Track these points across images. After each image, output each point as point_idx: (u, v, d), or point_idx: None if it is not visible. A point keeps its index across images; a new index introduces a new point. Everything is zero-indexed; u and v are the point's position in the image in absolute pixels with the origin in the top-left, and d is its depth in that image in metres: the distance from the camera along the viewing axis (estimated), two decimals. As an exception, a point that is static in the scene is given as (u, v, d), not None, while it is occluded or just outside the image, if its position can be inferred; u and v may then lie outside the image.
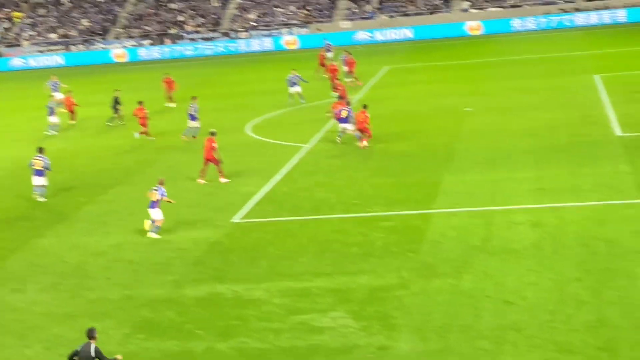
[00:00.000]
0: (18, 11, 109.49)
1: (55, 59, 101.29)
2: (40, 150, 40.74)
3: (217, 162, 40.07)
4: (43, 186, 40.16)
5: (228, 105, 58.27)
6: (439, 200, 34.72)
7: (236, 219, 34.68)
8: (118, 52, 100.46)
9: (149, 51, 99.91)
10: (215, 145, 39.90)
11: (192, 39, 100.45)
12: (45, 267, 31.04)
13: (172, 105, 61.10)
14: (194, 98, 50.40)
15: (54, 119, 55.73)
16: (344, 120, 44.99)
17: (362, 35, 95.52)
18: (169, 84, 62.52)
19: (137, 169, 44.50)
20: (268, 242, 31.68)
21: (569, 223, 30.73)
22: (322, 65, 69.01)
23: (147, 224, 33.59)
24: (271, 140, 48.10)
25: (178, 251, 31.43)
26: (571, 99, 52.22)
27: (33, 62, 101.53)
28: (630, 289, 24.82)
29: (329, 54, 76.48)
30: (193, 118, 49.31)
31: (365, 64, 71.26)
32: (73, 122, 57.96)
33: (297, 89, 57.64)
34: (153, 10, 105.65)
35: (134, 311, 26.48)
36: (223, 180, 39.92)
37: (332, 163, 41.97)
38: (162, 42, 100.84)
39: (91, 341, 21.05)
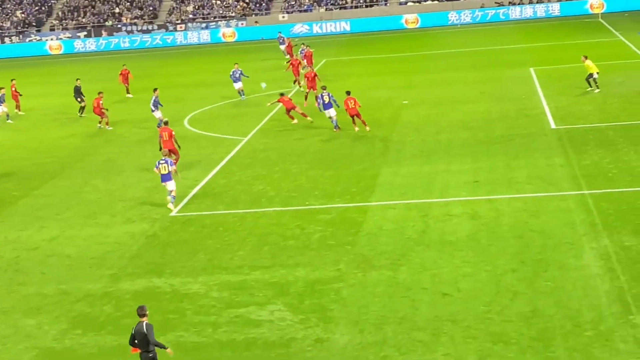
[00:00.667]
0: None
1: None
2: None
3: (177, 152, 39.92)
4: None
5: (166, 97, 57.84)
6: (376, 193, 34.87)
7: (174, 212, 34.56)
8: (53, 44, 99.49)
9: (85, 43, 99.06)
10: (173, 134, 39.91)
11: (129, 31, 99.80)
12: (-21, 262, 30.71)
13: (130, 96, 60.88)
14: (155, 90, 49.86)
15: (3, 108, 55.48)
16: (328, 105, 45.41)
17: (299, 28, 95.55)
18: (125, 75, 62.12)
19: (73, 162, 44.12)
20: (206, 235, 31.63)
21: (504, 215, 31.06)
22: (291, 55, 68.53)
23: (168, 199, 34.85)
24: (209, 133, 47.98)
25: (114, 245, 31.26)
26: (506, 92, 52.74)
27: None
28: (563, 280, 25.16)
29: (282, 47, 76.47)
30: (156, 108, 49.04)
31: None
32: (20, 112, 57.63)
33: (239, 84, 57.14)
34: (89, 2, 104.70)
35: (70, 306, 26.29)
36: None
37: (270, 156, 41.97)
38: (98, 34, 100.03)
39: (143, 319, 20.72)
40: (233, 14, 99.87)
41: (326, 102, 45.36)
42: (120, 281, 27.90)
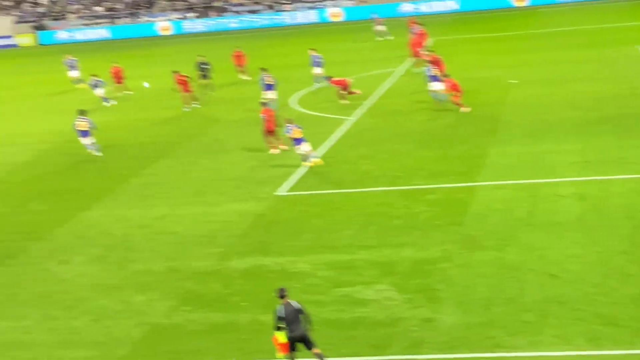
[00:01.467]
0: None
1: (101, 32, 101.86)
2: (82, 112, 43.27)
3: (275, 133, 40.38)
4: (93, 143, 42.73)
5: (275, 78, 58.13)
6: (483, 173, 34.58)
7: (281, 191, 34.77)
8: (163, 24, 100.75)
9: (194, 24, 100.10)
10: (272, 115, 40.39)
11: (237, 12, 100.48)
12: (91, 239, 31.33)
13: (246, 78, 60.62)
14: (264, 69, 50.08)
15: (100, 92, 56.27)
16: (435, 78, 46.07)
17: (407, 7, 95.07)
18: (239, 57, 62.12)
19: (181, 142, 44.69)
20: (312, 214, 31.75)
21: (614, 196, 30.51)
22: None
23: (315, 161, 37.40)
24: (315, 113, 48.09)
25: (223, 224, 31.58)
26: (617, 70, 51.71)
27: (79, 36, 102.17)
28: (677, 262, 24.64)
29: (380, 27, 76.21)
30: (269, 88, 49.03)
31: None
32: (129, 92, 58.45)
33: (319, 70, 56.30)
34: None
35: (179, 283, 26.67)
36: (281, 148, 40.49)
37: (376, 136, 41.90)
38: (206, 15, 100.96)
39: (286, 300, 20.76)
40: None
41: (434, 74, 46.46)
42: (228, 259, 28.19)
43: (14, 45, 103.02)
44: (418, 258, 26.79)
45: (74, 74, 65.30)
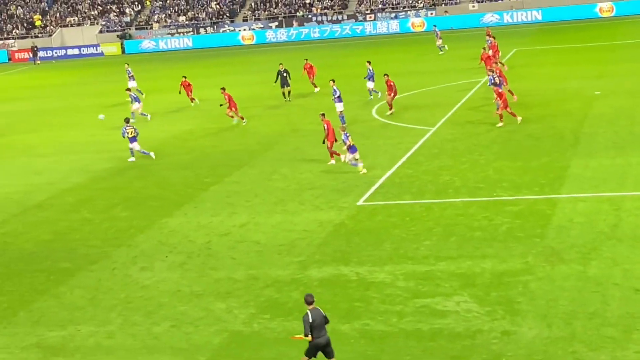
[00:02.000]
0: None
1: (184, 41, 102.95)
2: (127, 120, 45.88)
3: (332, 144, 40.46)
4: (141, 150, 45.07)
5: (354, 87, 58.17)
6: (566, 185, 34.18)
7: (360, 201, 34.75)
8: (245, 34, 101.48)
9: (276, 33, 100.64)
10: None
11: (319, 22, 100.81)
12: (172, 246, 31.60)
13: (316, 89, 60.61)
14: (332, 81, 49.87)
15: (136, 106, 56.56)
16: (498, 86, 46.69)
17: (490, 18, 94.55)
18: (310, 69, 61.97)
19: (262, 150, 44.92)
20: (392, 224, 31.66)
21: (701, 210, 29.95)
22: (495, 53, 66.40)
23: (361, 169, 38.42)
24: (396, 123, 48.01)
25: (303, 233, 31.64)
26: None
27: (163, 45, 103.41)
28: None
29: (439, 42, 76.07)
30: (339, 100, 48.85)
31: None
32: (195, 102, 58.86)
33: (371, 84, 55.85)
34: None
35: (258, 291, 26.76)
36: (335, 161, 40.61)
37: (457, 146, 41.69)
38: (289, 25, 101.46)
39: (312, 306, 20.83)
40: (422, 4, 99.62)
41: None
42: (308, 268, 28.22)
43: (100, 54, 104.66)
44: (499, 270, 26.55)
45: (132, 84, 66.01)
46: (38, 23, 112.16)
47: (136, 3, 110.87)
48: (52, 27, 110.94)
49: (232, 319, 24.91)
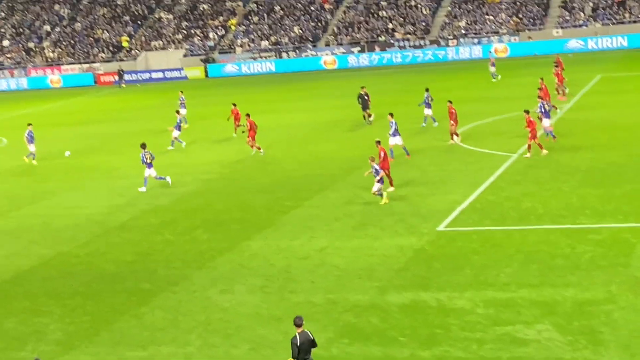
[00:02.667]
0: (233, 19, 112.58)
1: (267, 65, 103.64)
2: (144, 145, 45.74)
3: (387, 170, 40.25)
4: (156, 175, 45.17)
5: (435, 112, 58.06)
6: (651, 214, 33.64)
7: (441, 227, 34.56)
8: (328, 59, 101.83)
9: (358, 58, 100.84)
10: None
11: (402, 47, 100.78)
12: (252, 269, 31.72)
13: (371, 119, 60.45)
14: (391, 115, 48.24)
15: (176, 133, 57.01)
16: (547, 114, 47.14)
17: (574, 44, 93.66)
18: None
19: (343, 175, 44.93)
20: (473, 251, 31.43)
21: None
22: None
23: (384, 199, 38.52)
24: (478, 149, 47.72)
25: (382, 257, 31.55)
26: None
27: (245, 69, 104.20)
28: None
29: (493, 69, 76.11)
30: (395, 133, 47.37)
31: (577, 72, 69.85)
32: (243, 127, 58.53)
33: (429, 111, 55.81)
34: (363, 18, 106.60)
35: (337, 316, 26.72)
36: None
37: (540, 173, 41.28)
38: (371, 50, 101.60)
39: (301, 329, 21.38)
40: (505, 30, 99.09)
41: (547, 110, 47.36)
42: (387, 293, 28.11)
43: (184, 78, 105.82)
44: (581, 299, 26.17)
45: (183, 111, 66.53)
46: (125, 44, 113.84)
47: (220, 27, 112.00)
48: (137, 50, 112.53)
49: (311, 343, 24.88)
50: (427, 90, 56.20)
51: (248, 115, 52.46)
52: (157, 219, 39.77)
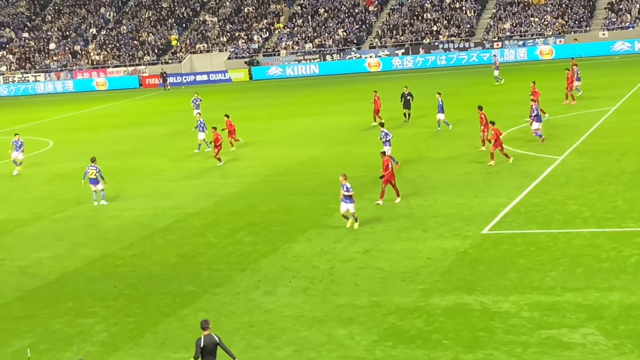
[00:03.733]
0: (278, 22, 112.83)
1: (311, 67, 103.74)
2: (93, 160, 44.55)
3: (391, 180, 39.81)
4: (101, 190, 44.27)
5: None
6: (699, 217, 33.26)
7: (485, 230, 34.39)
8: (372, 61, 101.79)
9: (403, 61, 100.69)
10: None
11: (446, 49, 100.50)
12: (296, 271, 31.72)
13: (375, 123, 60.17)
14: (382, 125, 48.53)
15: (201, 136, 56.63)
16: (538, 118, 48.94)
17: (620, 46, 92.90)
18: (376, 102, 60.75)
19: (388, 177, 44.79)
20: (517, 254, 31.23)
21: None
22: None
23: (350, 223, 36.29)
24: (523, 152, 47.44)
25: (426, 260, 31.44)
26: None
27: (290, 71, 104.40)
28: None
29: (497, 72, 76.69)
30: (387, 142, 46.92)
31: (623, 75, 69.22)
32: (239, 142, 57.50)
33: (441, 116, 55.90)
34: (408, 20, 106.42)
35: (381, 318, 26.65)
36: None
37: (585, 176, 40.96)
38: (415, 52, 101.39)
39: (207, 332, 22.12)
40: (551, 32, 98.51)
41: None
42: (431, 296, 28.01)
43: (228, 80, 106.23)
44: (627, 303, 25.90)
45: (196, 112, 67.21)
46: (174, 43, 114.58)
47: (264, 30, 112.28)
48: (182, 53, 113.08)
49: (355, 345, 24.85)
50: (439, 94, 56.29)
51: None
52: (200, 222, 39.90)
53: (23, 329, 28.49)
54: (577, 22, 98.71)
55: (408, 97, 59.81)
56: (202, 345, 21.81)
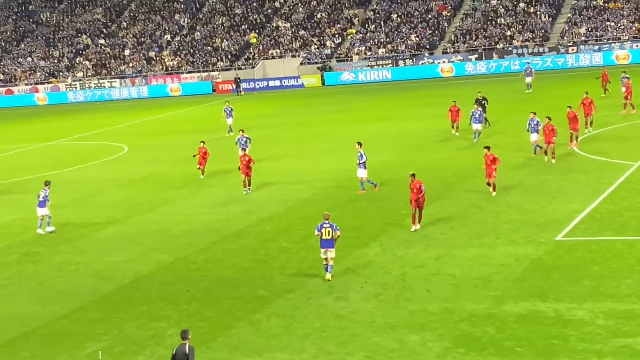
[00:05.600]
0: (351, 28, 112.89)
1: (384, 73, 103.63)
2: (47, 183, 43.67)
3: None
4: (48, 216, 42.91)
5: (555, 120, 57.06)
6: None
7: (559, 236, 34.03)
8: (445, 66, 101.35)
9: (476, 66, 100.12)
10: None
11: (520, 54, 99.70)
12: (367, 277, 31.67)
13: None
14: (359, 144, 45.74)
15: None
16: (535, 129, 49.09)
17: None
18: (455, 112, 60.29)
19: (459, 183, 44.61)
20: (592, 261, 30.85)
21: None
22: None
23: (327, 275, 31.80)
24: (598, 157, 46.88)
25: (499, 267, 31.20)
26: None
27: (362, 77, 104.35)
28: None
29: (528, 79, 75.89)
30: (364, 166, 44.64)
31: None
32: (202, 176, 53.06)
33: (478, 126, 55.24)
34: (481, 25, 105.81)
35: (453, 325, 26.50)
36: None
37: (662, 182, 40.38)
38: (489, 57, 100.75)
39: (185, 342, 22.34)
40: (627, 36, 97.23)
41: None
42: (503, 303, 27.78)
43: (300, 86, 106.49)
44: None
45: (229, 121, 67.17)
46: (254, 41, 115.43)
47: (337, 36, 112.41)
48: (255, 59, 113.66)
49: (427, 352, 24.73)
50: (478, 101, 56.66)
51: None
52: (272, 226, 40.03)
53: (99, 331, 28.82)
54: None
55: (483, 102, 58.95)
56: (173, 354, 22.37)
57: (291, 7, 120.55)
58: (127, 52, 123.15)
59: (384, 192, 44.11)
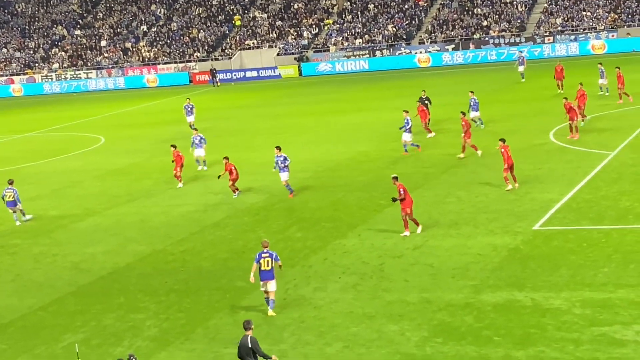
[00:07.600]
0: (327, 18, 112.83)
1: (361, 63, 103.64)
2: (10, 182, 43.51)
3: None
4: (20, 210, 43.18)
5: (531, 110, 57.52)
6: None
7: (537, 226, 34.17)
8: (422, 57, 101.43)
9: (453, 56, 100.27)
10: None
11: (497, 44, 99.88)
12: (345, 267, 31.73)
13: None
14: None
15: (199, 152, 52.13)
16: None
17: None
18: (422, 112, 59.77)
19: (437, 173, 44.69)
20: (569, 250, 31.01)
21: None
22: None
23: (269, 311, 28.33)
24: (575, 147, 47.07)
25: (477, 257, 31.31)
26: None
27: (339, 67, 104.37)
28: None
29: (521, 68, 76.16)
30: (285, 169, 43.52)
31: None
32: (181, 184, 49.29)
33: (476, 113, 55.20)
34: (458, 16, 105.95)
35: (431, 315, 26.59)
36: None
37: (638, 171, 40.55)
38: (466, 47, 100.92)
39: (248, 332, 22.32)
40: (603, 26, 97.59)
41: None
42: (481, 292, 27.89)
43: (278, 77, 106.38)
44: (681, 300, 25.66)
45: (190, 119, 66.12)
46: (238, 23, 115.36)
47: (314, 26, 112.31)
48: (231, 50, 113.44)
49: (405, 341, 24.82)
50: (471, 92, 56.13)
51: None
52: (251, 218, 40.03)
53: (77, 323, 28.80)
54: (630, 16, 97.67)
55: (426, 102, 57.33)
56: (238, 345, 22.31)
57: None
58: (103, 43, 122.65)
59: (363, 183, 44.15)
